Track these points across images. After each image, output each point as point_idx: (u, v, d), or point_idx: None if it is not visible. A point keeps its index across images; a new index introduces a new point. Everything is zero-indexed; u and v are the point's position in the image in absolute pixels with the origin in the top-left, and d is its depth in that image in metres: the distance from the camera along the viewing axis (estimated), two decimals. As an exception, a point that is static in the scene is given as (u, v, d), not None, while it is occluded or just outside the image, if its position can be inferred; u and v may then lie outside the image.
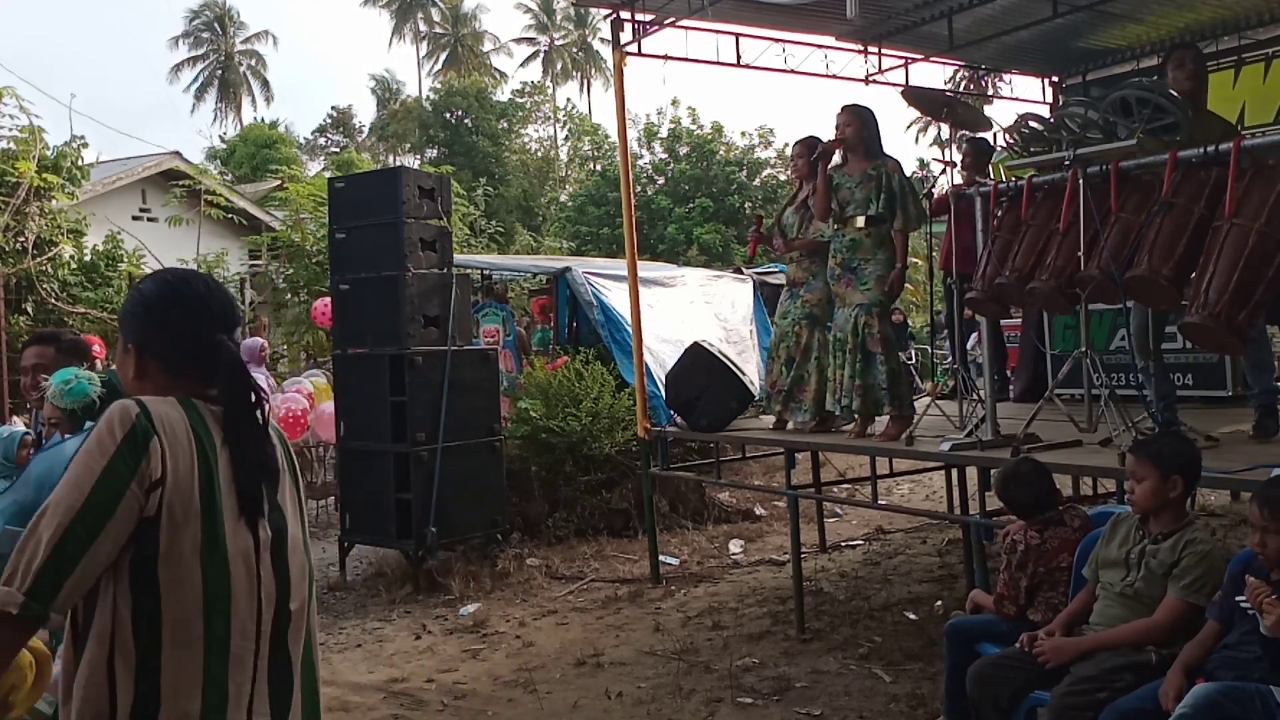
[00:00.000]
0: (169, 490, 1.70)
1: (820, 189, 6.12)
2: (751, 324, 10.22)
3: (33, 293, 10.57)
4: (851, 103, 6.15)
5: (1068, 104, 5.84)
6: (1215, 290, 4.13)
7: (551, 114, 39.55)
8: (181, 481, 1.72)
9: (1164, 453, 3.56)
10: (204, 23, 48.25)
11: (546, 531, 8.33)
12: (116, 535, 1.67)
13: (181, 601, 1.71)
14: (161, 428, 1.73)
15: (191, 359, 1.87)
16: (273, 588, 1.83)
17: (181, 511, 1.71)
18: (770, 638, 5.83)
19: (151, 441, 1.70)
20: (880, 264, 5.91)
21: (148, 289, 1.96)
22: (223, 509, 1.76)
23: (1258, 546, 3.11)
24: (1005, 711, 3.56)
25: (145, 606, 1.70)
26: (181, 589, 1.71)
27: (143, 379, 1.88)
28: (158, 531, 1.69)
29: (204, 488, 1.74)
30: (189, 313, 1.90)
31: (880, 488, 8.44)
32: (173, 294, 1.93)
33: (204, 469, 1.75)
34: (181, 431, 1.76)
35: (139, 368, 1.89)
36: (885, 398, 5.84)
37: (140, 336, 1.90)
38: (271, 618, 1.82)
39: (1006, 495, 4.13)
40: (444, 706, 5.12)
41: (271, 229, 15.28)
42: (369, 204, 7.55)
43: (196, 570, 1.72)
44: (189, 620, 1.71)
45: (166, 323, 1.89)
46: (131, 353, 1.89)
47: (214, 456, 1.78)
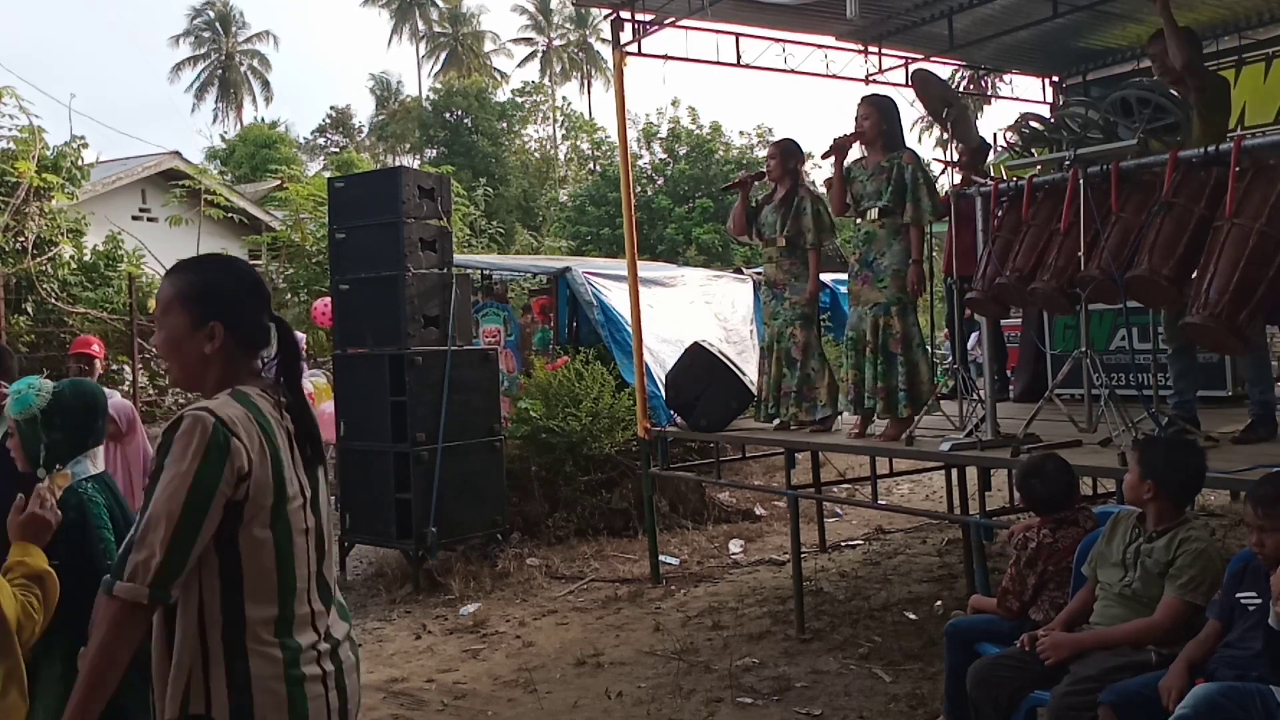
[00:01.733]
0: (252, 482, 1.96)
1: (836, 182, 6.04)
2: (751, 324, 10.22)
3: (33, 293, 10.58)
4: (872, 94, 6.07)
5: (1068, 104, 5.84)
6: (1216, 290, 4.14)
7: (551, 114, 39.56)
8: (258, 468, 1.98)
9: (1149, 455, 3.57)
10: (205, 22, 48.25)
11: (546, 531, 8.33)
12: (211, 526, 1.94)
13: (259, 562, 1.99)
14: (235, 428, 1.96)
15: (260, 335, 2.14)
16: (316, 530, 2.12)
17: (260, 492, 1.98)
18: (770, 638, 5.83)
19: (233, 444, 1.94)
20: (895, 257, 5.75)
21: (224, 271, 2.18)
22: (285, 477, 2.03)
23: (1255, 546, 3.11)
24: (1005, 711, 3.57)
25: (229, 573, 1.97)
26: (259, 552, 1.99)
27: (217, 354, 2.07)
28: (241, 511, 1.97)
29: (274, 465, 2.01)
30: (260, 294, 2.17)
31: (880, 488, 8.45)
32: (249, 277, 2.17)
33: (271, 450, 2.01)
34: (248, 423, 1.99)
35: (221, 344, 2.07)
36: (904, 398, 5.72)
37: (223, 313, 2.07)
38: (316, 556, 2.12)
39: (1027, 489, 4.10)
40: (444, 706, 5.12)
41: (271, 229, 15.28)
42: (369, 204, 7.54)
43: (269, 533, 2.00)
44: (266, 572, 2.00)
45: (246, 303, 2.12)
46: (216, 329, 2.06)
47: (274, 435, 2.03)
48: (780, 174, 6.61)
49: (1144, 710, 3.13)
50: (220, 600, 1.98)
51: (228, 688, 1.96)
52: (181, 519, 1.90)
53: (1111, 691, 3.19)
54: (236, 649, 1.97)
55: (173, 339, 2.10)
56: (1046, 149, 5.24)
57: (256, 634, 1.99)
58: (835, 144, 5.97)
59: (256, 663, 1.98)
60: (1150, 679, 3.20)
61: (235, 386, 2.07)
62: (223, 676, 1.96)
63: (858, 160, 6.06)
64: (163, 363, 2.21)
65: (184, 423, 1.95)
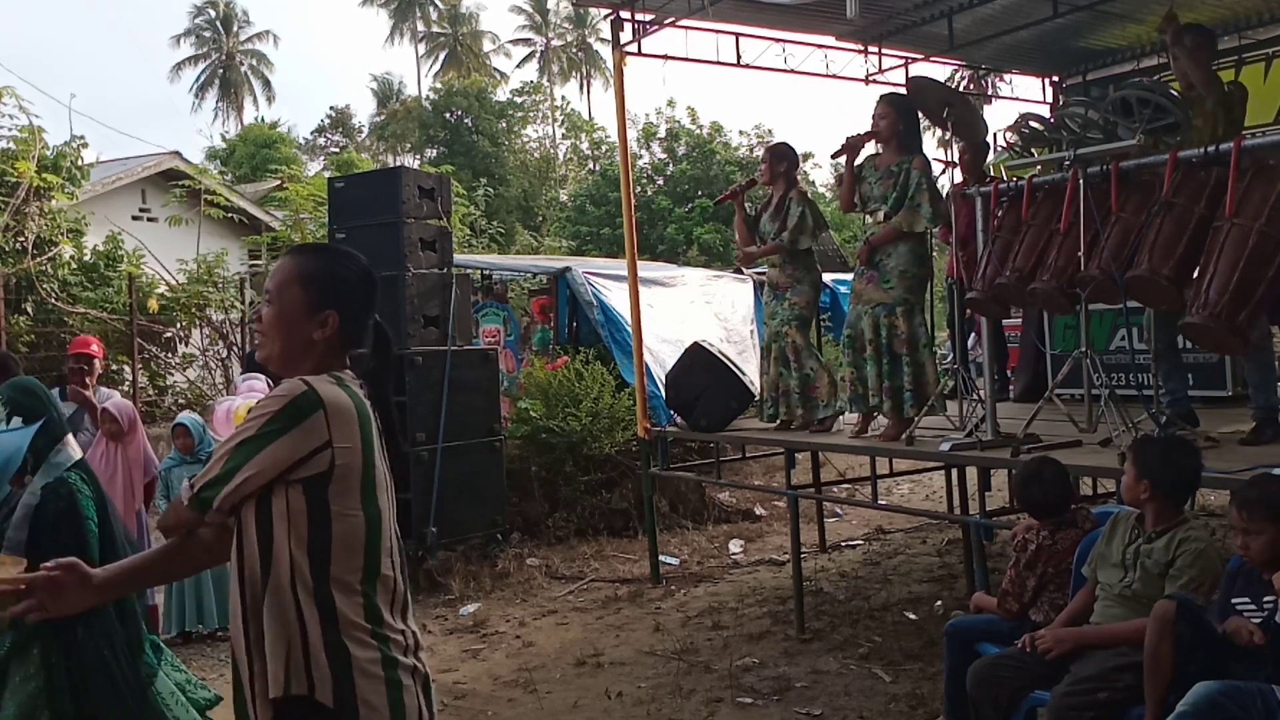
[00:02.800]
0: (338, 453, 1.98)
1: (846, 180, 6.04)
2: (751, 324, 10.22)
3: (33, 293, 10.58)
4: (891, 93, 6.05)
5: (1068, 104, 5.84)
6: (1216, 290, 4.14)
7: (550, 114, 39.55)
8: (350, 447, 2.00)
9: (1144, 455, 3.58)
10: (206, 21, 48.24)
11: (546, 531, 8.33)
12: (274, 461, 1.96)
13: (349, 539, 2.00)
14: (327, 403, 1.98)
15: (362, 333, 2.18)
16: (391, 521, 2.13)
17: (348, 468, 2.00)
18: (770, 638, 5.83)
19: (316, 414, 1.97)
20: (902, 259, 5.73)
21: (354, 264, 2.20)
22: (375, 462, 2.07)
23: (1241, 549, 3.12)
24: (1005, 711, 3.56)
25: (318, 549, 1.98)
26: (349, 529, 2.00)
27: (324, 341, 2.11)
28: (328, 485, 1.98)
29: (365, 448, 2.04)
30: (373, 294, 2.21)
31: (880, 488, 8.44)
32: (368, 275, 2.21)
33: (365, 434, 2.04)
34: (346, 405, 2.02)
35: (330, 331, 2.10)
36: (910, 399, 5.72)
37: (342, 304, 2.12)
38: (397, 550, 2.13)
39: (1027, 496, 4.11)
40: (444, 706, 5.11)
41: (271, 229, 15.28)
42: (369, 204, 7.54)
43: (360, 511, 2.02)
44: (354, 551, 2.01)
45: (358, 297, 2.16)
46: (332, 318, 2.10)
47: (368, 420, 2.06)
48: (771, 178, 6.61)
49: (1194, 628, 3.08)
50: (311, 577, 1.97)
51: (330, 669, 1.94)
52: (241, 443, 1.96)
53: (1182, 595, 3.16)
54: (333, 631, 1.96)
55: (286, 316, 2.11)
56: (1046, 149, 5.24)
57: (350, 618, 1.98)
58: (848, 142, 5.95)
59: (355, 647, 1.97)
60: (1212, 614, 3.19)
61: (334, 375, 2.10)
62: (323, 657, 1.94)
63: (870, 158, 6.03)
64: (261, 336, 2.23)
65: (279, 386, 2.01)
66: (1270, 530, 3.05)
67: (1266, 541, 3.06)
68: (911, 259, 5.76)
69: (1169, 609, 3.11)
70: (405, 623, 2.09)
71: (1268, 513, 3.06)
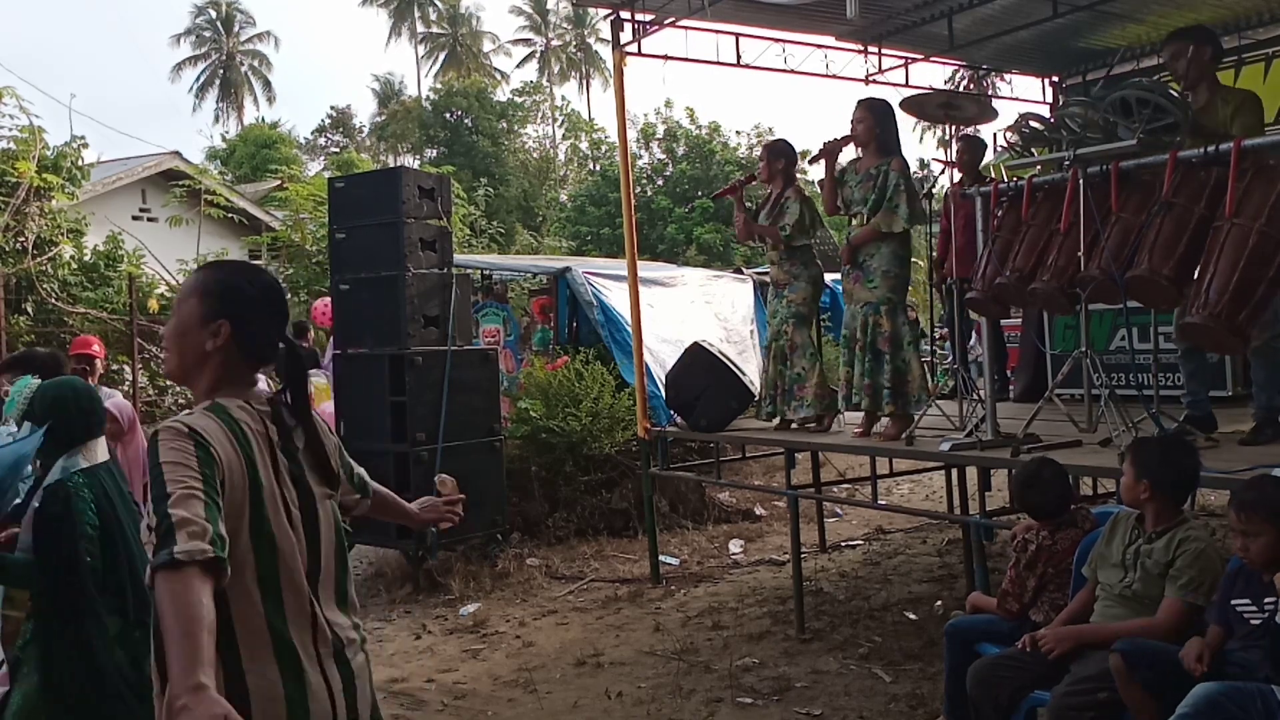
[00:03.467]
0: (228, 484, 1.91)
1: (826, 185, 6.13)
2: (752, 324, 10.22)
3: (33, 293, 10.56)
4: (868, 97, 6.12)
5: (1068, 104, 5.83)
6: (1216, 290, 4.13)
7: (550, 113, 39.56)
8: (235, 478, 1.93)
9: (1143, 455, 3.58)
10: (206, 21, 48.24)
11: (546, 531, 8.33)
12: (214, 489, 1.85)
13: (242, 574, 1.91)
14: (207, 436, 1.92)
15: (267, 350, 2.12)
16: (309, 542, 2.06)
17: (234, 499, 1.92)
18: (770, 638, 5.83)
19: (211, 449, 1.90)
20: (884, 259, 5.86)
21: (248, 276, 2.16)
22: (262, 488, 1.97)
23: (1240, 551, 3.12)
24: (1005, 711, 3.57)
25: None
26: (242, 563, 1.91)
27: (217, 353, 2.06)
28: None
29: (249, 476, 1.96)
30: (277, 310, 2.16)
31: (880, 488, 8.44)
32: (268, 286, 2.16)
33: (246, 460, 1.96)
34: (221, 435, 1.95)
35: (223, 344, 2.06)
36: (887, 396, 5.81)
37: (235, 315, 2.07)
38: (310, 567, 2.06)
39: (1025, 499, 4.11)
40: (444, 706, 5.12)
41: (271, 229, 15.27)
42: (369, 204, 7.54)
43: (249, 543, 1.94)
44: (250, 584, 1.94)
45: (259, 310, 2.11)
46: (222, 328, 2.05)
47: (250, 446, 1.98)
48: (770, 176, 6.65)
49: (1155, 668, 3.13)
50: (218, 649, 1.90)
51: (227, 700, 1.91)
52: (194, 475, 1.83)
53: (1126, 643, 3.19)
54: (233, 666, 1.93)
55: (180, 327, 2.10)
56: (1046, 149, 5.23)
57: (250, 650, 1.94)
58: (825, 147, 6.09)
59: (254, 680, 1.94)
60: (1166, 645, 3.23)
61: (216, 398, 2.05)
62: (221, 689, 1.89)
63: (853, 162, 6.15)
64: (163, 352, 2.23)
65: (162, 432, 1.92)
66: (1269, 532, 3.05)
67: (1266, 543, 3.06)
68: (894, 259, 5.90)
69: (1118, 663, 3.15)
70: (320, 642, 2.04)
71: (1266, 515, 3.06)
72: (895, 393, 5.79)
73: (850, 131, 6.01)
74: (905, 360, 5.82)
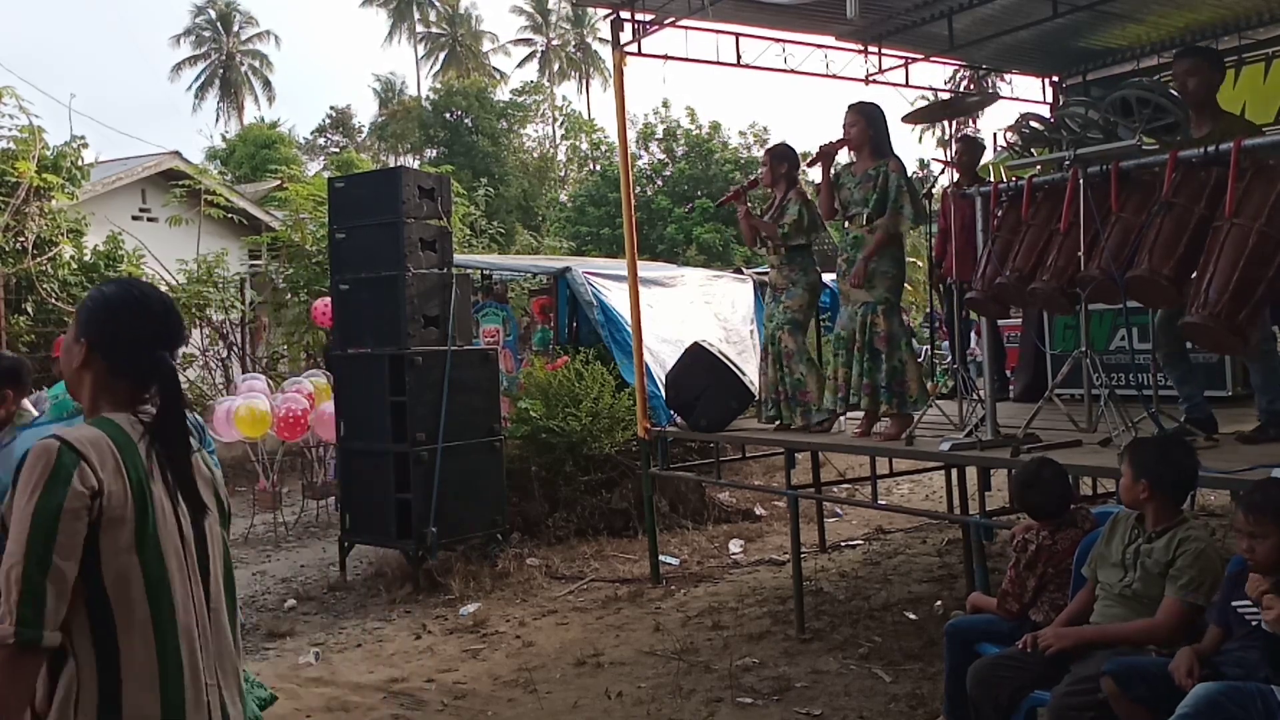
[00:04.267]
0: (105, 497, 1.87)
1: (824, 188, 6.17)
2: (752, 324, 10.22)
3: (33, 293, 10.57)
4: (859, 101, 6.15)
5: (1068, 104, 5.83)
6: (1215, 290, 4.13)
7: (550, 113, 39.55)
8: (113, 489, 1.88)
9: (1141, 455, 3.58)
10: (206, 21, 48.23)
11: (546, 531, 8.33)
12: (69, 551, 1.83)
13: (126, 591, 1.89)
14: (84, 449, 1.88)
15: (134, 367, 2.04)
16: (198, 569, 2.02)
17: (114, 510, 1.88)
18: (770, 638, 5.83)
19: (79, 464, 1.86)
20: (882, 260, 5.90)
21: (111, 292, 2.12)
22: (153, 506, 1.94)
23: (1246, 552, 3.11)
24: (1005, 711, 3.57)
25: (96, 602, 1.87)
26: (124, 580, 1.89)
27: (85, 370, 2.04)
28: (98, 534, 1.87)
29: (135, 492, 1.92)
30: (142, 325, 2.06)
31: (880, 488, 8.44)
32: (134, 304, 2.08)
33: (132, 476, 1.92)
34: (105, 447, 1.91)
35: (85, 361, 2.04)
36: (884, 395, 5.84)
37: (94, 334, 2.04)
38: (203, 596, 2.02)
39: (1025, 499, 4.11)
40: (444, 706, 5.12)
41: (271, 229, 15.26)
42: (369, 204, 7.54)
43: (135, 563, 1.90)
44: (134, 604, 1.89)
45: (121, 329, 2.04)
46: (83, 346, 2.04)
47: (136, 457, 1.95)
48: (772, 180, 6.67)
49: (1148, 684, 3.13)
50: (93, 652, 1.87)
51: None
52: (30, 544, 1.80)
53: (1115, 663, 3.20)
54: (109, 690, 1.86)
55: (64, 345, 2.12)
56: (1046, 149, 5.24)
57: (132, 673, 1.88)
58: (821, 151, 6.11)
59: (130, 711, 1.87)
60: (1155, 659, 3.23)
61: (102, 414, 2.02)
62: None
63: (847, 166, 6.20)
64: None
65: (31, 451, 1.89)
66: (1276, 534, 3.05)
67: (1271, 546, 3.05)
68: (891, 260, 5.94)
69: (1110, 685, 3.15)
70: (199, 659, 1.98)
71: (1274, 517, 3.05)
72: (892, 392, 5.83)
73: (843, 135, 6.06)
74: (902, 360, 5.86)
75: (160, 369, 2.05)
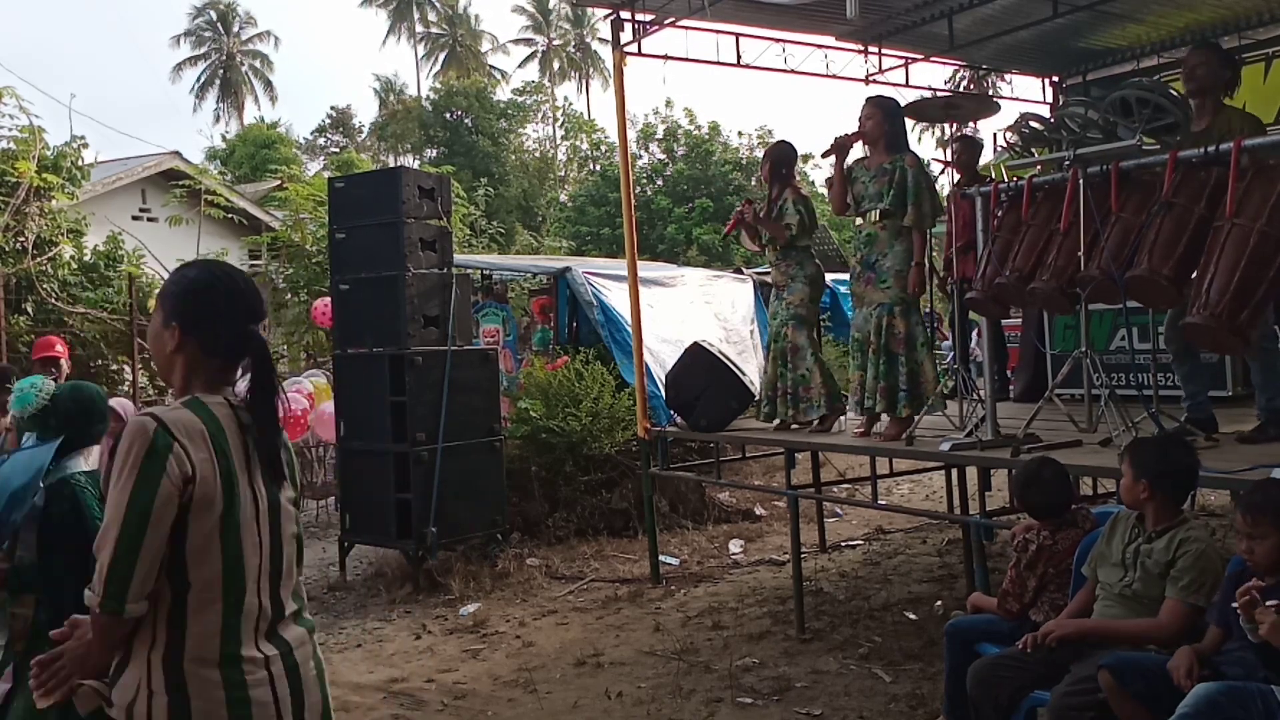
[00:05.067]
0: (197, 484, 1.97)
1: (836, 182, 6.07)
2: (752, 324, 10.22)
3: (33, 293, 10.55)
4: (876, 94, 6.09)
5: (1068, 104, 5.83)
6: (1216, 290, 4.14)
7: (550, 113, 39.56)
8: (205, 475, 1.98)
9: (1141, 455, 3.58)
10: (206, 21, 48.21)
11: (546, 531, 8.32)
12: (159, 532, 1.94)
13: (205, 573, 1.99)
14: (179, 434, 1.98)
15: (233, 346, 2.13)
16: (272, 541, 2.11)
17: (206, 501, 1.98)
18: (770, 638, 5.83)
19: (174, 448, 1.96)
20: (897, 258, 5.78)
21: (194, 275, 2.20)
22: (236, 487, 2.03)
23: (1245, 553, 3.11)
24: (1005, 711, 3.57)
25: (175, 586, 1.99)
26: (205, 561, 1.99)
27: (178, 354, 2.12)
28: (187, 519, 1.98)
29: (224, 476, 2.01)
30: (229, 302, 2.14)
31: (880, 488, 8.44)
32: (218, 283, 2.16)
33: (222, 462, 2.01)
34: (197, 433, 2.00)
35: (178, 345, 2.11)
36: (904, 398, 5.74)
37: (183, 316, 2.12)
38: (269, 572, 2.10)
39: (1026, 498, 4.11)
40: (444, 706, 5.12)
41: (271, 229, 15.25)
42: (369, 204, 7.54)
43: (217, 542, 2.00)
44: (212, 584, 2.00)
45: (210, 308, 2.13)
46: (175, 330, 2.11)
47: (226, 444, 2.04)
48: (771, 180, 6.66)
49: (1144, 680, 3.13)
50: (167, 613, 1.99)
51: (169, 708, 1.97)
52: (124, 526, 1.92)
53: (1113, 658, 3.20)
54: (176, 677, 1.98)
55: (150, 332, 2.20)
56: (1046, 149, 5.23)
57: (199, 658, 1.99)
58: (836, 143, 5.98)
59: (196, 691, 1.98)
60: (1154, 656, 3.23)
61: (195, 394, 2.09)
62: (164, 695, 1.97)
63: (860, 160, 6.08)
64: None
65: (127, 428, 1.97)
66: (1275, 535, 3.04)
67: (1271, 546, 3.05)
68: (906, 258, 5.80)
69: (1107, 679, 3.15)
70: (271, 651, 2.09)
71: (1273, 518, 3.05)
72: (912, 395, 5.71)
73: (859, 128, 5.94)
74: (919, 361, 5.75)
75: (251, 342, 2.14)
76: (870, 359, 5.84)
